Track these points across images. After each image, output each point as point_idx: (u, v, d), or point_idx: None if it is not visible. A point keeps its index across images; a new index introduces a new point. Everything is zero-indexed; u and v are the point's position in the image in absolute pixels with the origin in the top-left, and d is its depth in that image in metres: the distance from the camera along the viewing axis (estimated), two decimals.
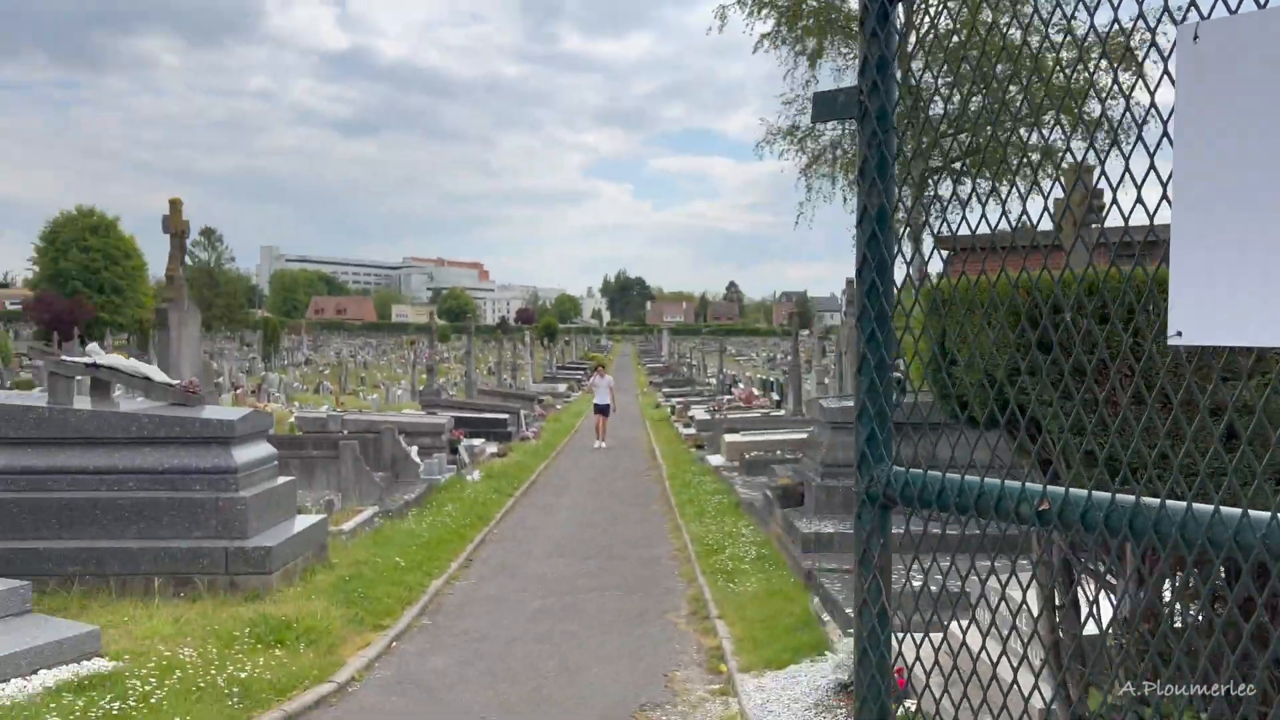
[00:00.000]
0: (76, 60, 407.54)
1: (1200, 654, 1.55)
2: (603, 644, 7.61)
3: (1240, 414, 2.45)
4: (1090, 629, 3.66)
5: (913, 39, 21.97)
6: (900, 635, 1.70)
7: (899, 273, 1.67)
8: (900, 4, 1.64)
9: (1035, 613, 3.55)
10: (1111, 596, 2.98)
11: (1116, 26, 1.45)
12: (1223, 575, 2.81)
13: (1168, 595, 3.09)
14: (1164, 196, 1.33)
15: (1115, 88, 1.49)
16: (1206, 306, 1.19)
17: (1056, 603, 3.28)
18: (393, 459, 13.86)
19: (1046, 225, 1.61)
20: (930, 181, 26.91)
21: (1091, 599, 1.75)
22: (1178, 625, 2.95)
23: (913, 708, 5.17)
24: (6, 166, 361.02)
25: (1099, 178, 1.48)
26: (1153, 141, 1.32)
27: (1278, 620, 2.62)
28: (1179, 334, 1.22)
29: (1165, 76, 1.31)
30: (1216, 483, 1.77)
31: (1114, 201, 1.41)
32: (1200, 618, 2.91)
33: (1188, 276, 1.22)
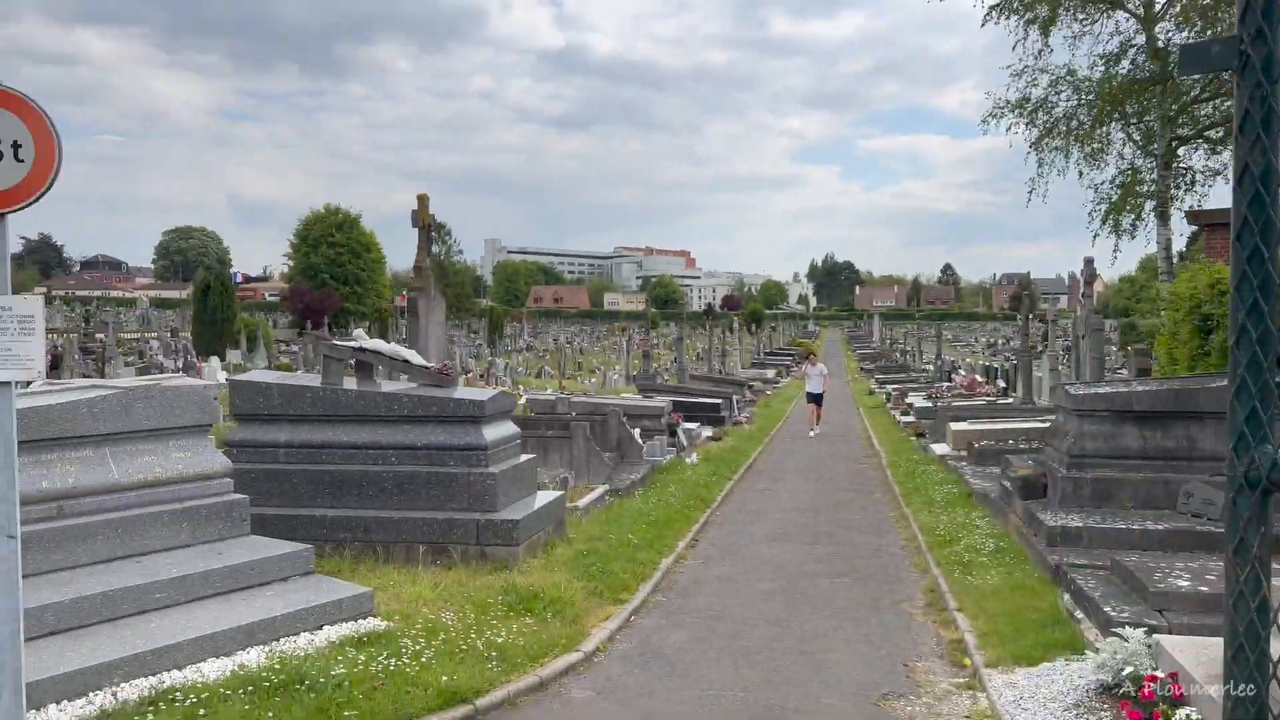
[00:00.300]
0: (322, 70, 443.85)
1: None
2: (837, 629, 7.52)
3: None
4: None
5: None
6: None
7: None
8: None
9: None
10: None
11: None
12: None
13: None
14: None
15: None
16: None
17: None
18: (618, 440, 14.28)
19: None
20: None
21: None
22: None
23: (1195, 717, 4.78)
24: (266, 171, 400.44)
25: None
26: None
27: None
28: None
29: None
30: None
31: None
32: None
33: None
